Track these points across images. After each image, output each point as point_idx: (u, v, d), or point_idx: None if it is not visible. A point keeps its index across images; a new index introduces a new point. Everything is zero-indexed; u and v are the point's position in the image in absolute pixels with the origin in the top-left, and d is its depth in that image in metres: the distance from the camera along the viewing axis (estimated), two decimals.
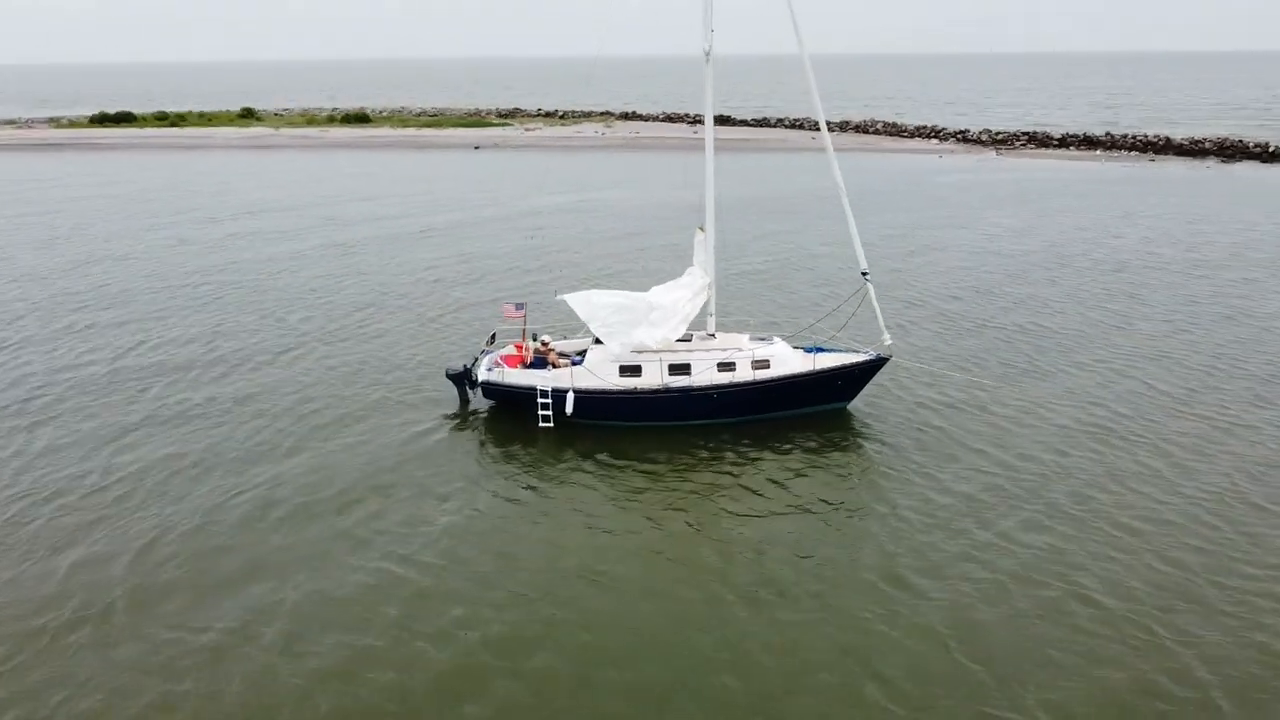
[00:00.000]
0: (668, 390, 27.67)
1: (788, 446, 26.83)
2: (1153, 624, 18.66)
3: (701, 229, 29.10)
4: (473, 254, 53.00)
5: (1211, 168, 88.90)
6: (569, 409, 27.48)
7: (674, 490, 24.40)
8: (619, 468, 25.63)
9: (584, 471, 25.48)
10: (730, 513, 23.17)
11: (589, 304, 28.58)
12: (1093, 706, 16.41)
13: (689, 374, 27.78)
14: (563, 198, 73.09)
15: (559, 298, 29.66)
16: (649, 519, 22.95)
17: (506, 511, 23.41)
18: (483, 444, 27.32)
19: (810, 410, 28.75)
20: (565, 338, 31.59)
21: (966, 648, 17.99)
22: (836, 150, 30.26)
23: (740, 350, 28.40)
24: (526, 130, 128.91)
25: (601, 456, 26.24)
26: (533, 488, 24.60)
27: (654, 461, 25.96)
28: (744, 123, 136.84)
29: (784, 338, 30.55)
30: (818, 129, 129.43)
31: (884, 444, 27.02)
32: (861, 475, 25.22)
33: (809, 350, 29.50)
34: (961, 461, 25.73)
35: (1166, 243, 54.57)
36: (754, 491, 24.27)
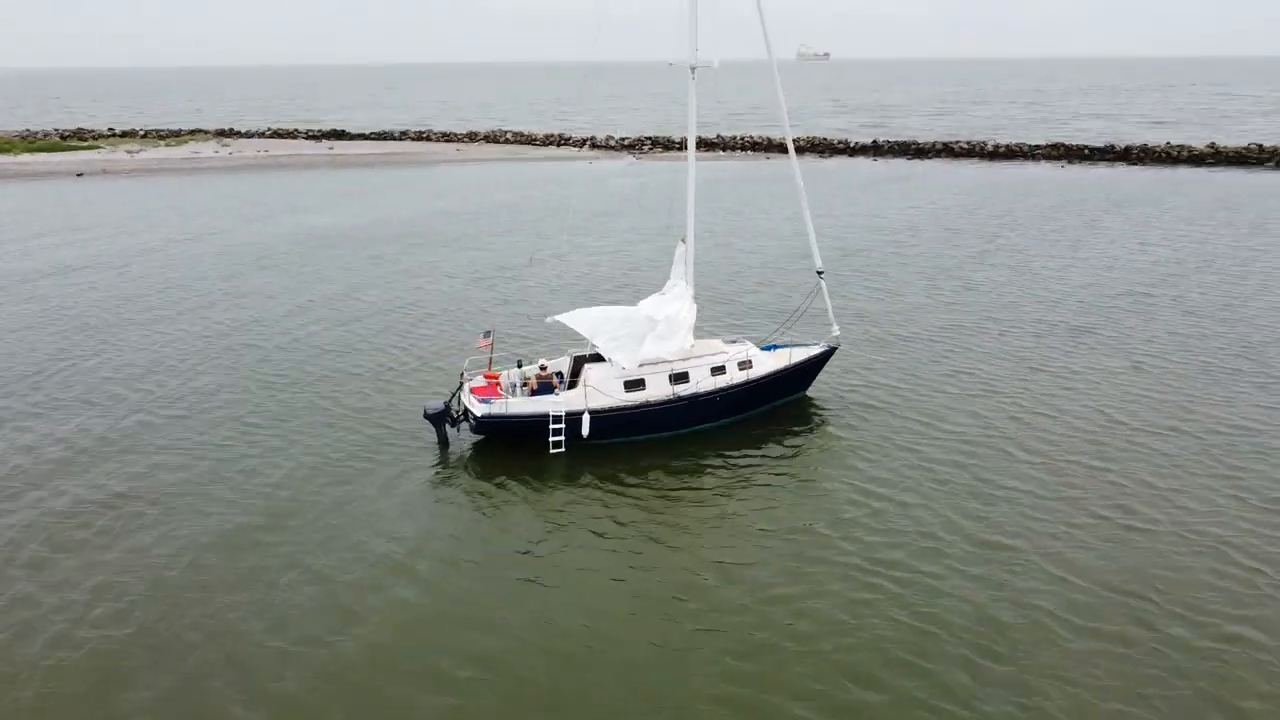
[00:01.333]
0: (678, 399, 27.91)
1: (795, 442, 28.47)
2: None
3: (683, 241, 29.58)
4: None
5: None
6: (585, 430, 26.68)
7: (721, 501, 25.03)
8: (650, 486, 25.35)
9: (623, 494, 24.80)
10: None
11: (590, 321, 27.88)
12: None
13: (688, 381, 28.24)
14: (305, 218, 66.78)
15: (551, 320, 28.66)
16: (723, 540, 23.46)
17: (588, 559, 21.91)
18: (498, 483, 25.50)
19: (779, 403, 30.57)
20: (530, 361, 30.56)
21: None
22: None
23: (726, 353, 29.38)
24: (130, 154, 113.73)
25: (621, 475, 25.82)
26: (594, 529, 23.33)
27: (675, 472, 26.17)
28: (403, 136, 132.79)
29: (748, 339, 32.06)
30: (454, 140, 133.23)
31: (848, 424, 29.64)
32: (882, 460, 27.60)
33: (766, 349, 31.22)
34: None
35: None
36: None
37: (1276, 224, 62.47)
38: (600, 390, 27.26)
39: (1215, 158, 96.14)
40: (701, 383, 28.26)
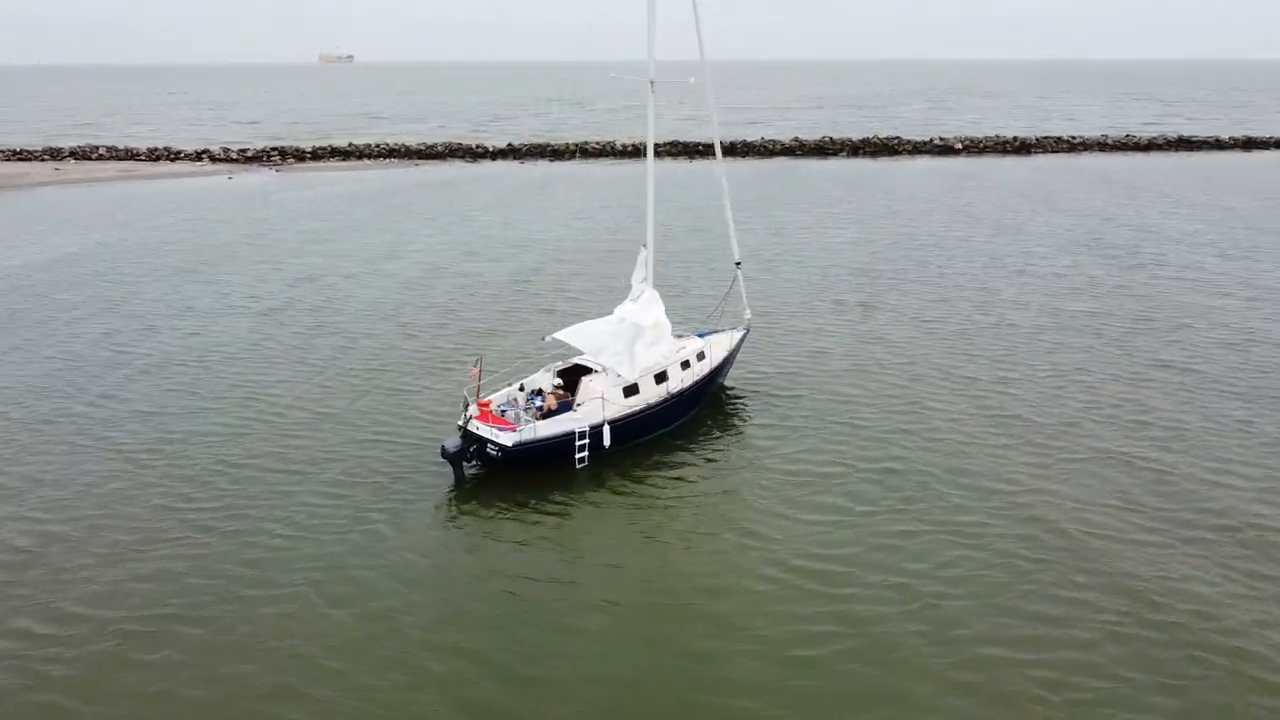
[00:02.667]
0: (670, 398, 29.18)
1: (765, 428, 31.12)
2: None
3: (645, 246, 30.43)
4: None
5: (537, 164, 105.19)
6: (607, 441, 27.16)
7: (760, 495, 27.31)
8: (684, 481, 26.95)
9: (666, 496, 25.92)
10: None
11: (591, 336, 28.11)
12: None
13: (669, 379, 29.64)
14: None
15: (550, 338, 28.29)
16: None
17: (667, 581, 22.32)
18: (532, 507, 25.25)
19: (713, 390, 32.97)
20: (510, 382, 29.92)
21: None
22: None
23: (685, 348, 31.08)
24: None
25: (645, 477, 26.90)
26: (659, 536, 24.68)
27: (694, 465, 27.90)
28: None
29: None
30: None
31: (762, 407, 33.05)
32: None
33: (699, 335, 33.33)
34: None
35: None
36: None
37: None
38: (608, 399, 27.85)
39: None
40: (679, 379, 29.91)
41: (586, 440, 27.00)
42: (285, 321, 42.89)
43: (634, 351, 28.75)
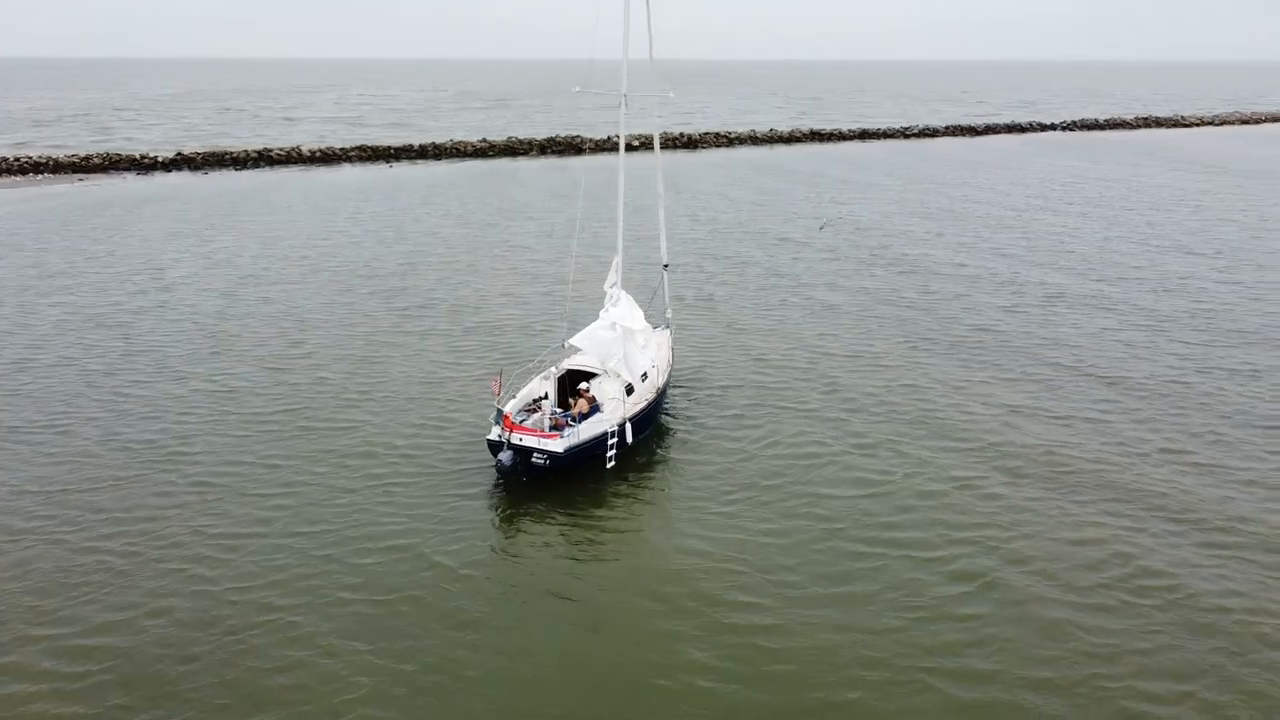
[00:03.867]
0: (659, 392, 30.34)
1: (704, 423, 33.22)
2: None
3: (617, 253, 30.82)
4: None
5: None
6: (630, 438, 27.96)
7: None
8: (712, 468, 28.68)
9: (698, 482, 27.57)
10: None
11: (595, 343, 28.60)
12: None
13: (649, 375, 30.74)
14: None
15: (569, 344, 28.29)
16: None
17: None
18: (593, 514, 25.73)
19: None
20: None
21: None
22: None
23: (649, 344, 32.22)
24: None
25: (667, 463, 28.50)
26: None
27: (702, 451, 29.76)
28: None
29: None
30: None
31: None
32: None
33: None
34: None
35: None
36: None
37: None
38: (621, 400, 28.57)
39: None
40: (656, 375, 31.13)
41: (616, 439, 27.62)
42: None
43: (629, 353, 29.68)
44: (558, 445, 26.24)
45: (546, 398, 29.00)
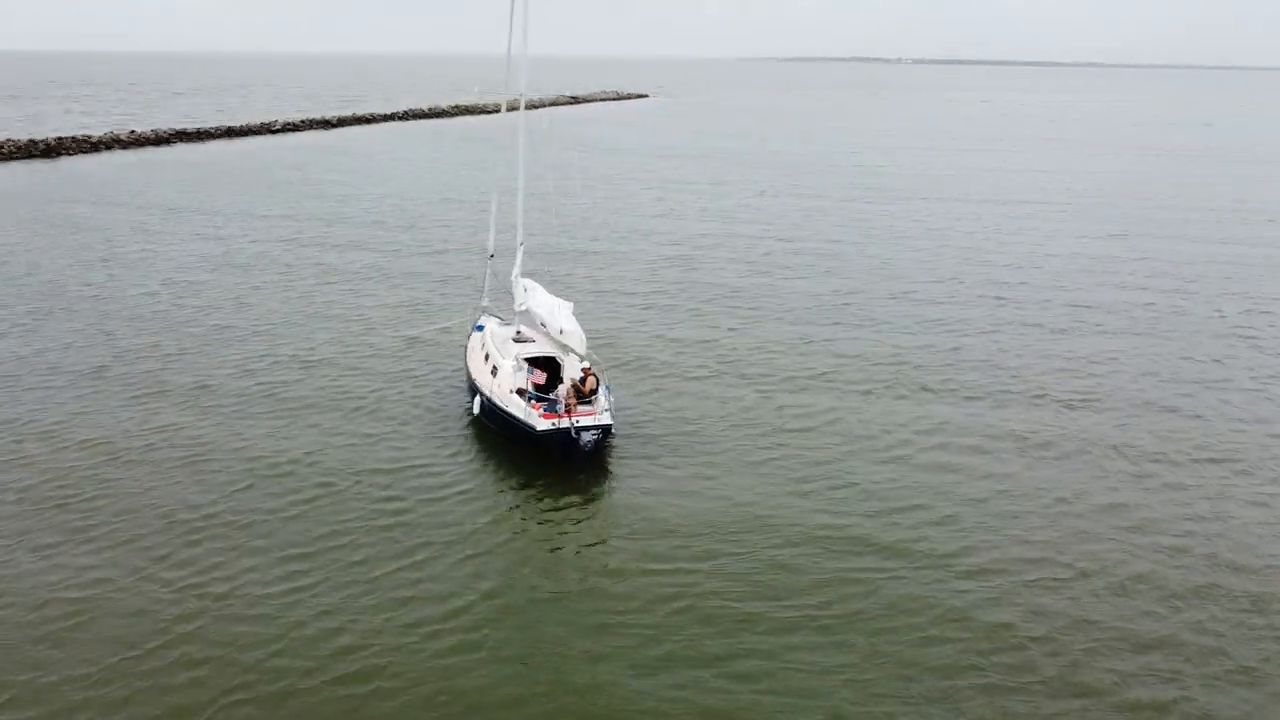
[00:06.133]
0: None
1: None
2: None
3: (521, 243, 31.28)
4: None
5: None
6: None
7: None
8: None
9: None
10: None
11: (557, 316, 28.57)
12: None
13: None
14: None
15: (522, 307, 29.86)
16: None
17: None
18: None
19: None
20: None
21: None
22: None
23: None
24: None
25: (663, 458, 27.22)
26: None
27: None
28: None
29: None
30: None
31: None
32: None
33: (479, 328, 31.89)
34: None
35: None
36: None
37: None
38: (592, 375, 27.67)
39: None
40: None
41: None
42: None
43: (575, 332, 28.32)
44: (607, 418, 26.04)
45: (532, 385, 27.92)
